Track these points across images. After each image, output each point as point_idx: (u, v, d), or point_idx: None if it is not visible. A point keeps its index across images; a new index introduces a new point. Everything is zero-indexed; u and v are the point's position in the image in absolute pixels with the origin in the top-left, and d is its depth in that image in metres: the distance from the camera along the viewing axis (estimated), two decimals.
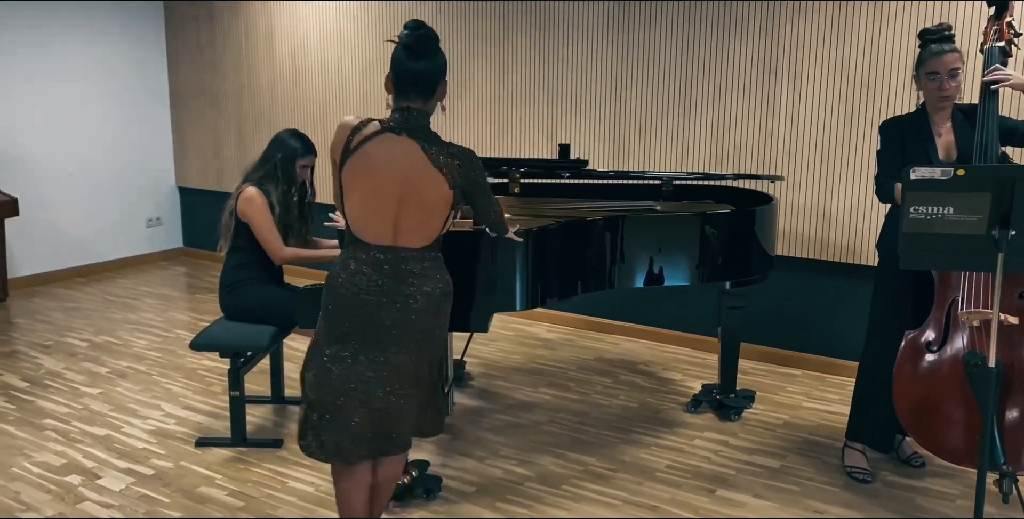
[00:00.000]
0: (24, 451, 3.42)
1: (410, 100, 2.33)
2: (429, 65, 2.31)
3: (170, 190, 6.85)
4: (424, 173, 2.30)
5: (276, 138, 3.56)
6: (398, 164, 2.30)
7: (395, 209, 2.32)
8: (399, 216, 2.33)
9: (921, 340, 2.89)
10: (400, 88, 2.33)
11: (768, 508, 2.98)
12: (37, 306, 5.52)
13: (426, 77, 2.32)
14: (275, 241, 3.44)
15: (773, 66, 4.21)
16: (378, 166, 2.30)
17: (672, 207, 3.78)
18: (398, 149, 2.31)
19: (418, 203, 2.32)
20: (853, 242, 4.13)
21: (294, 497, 3.05)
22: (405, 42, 2.32)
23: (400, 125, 2.32)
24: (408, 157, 2.30)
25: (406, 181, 2.30)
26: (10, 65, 5.69)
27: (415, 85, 2.32)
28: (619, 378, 4.27)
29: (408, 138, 2.31)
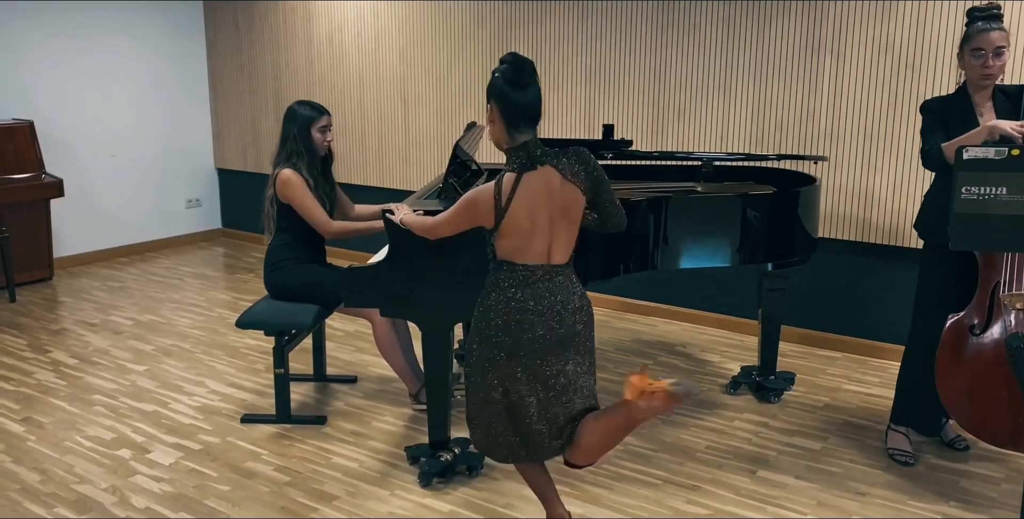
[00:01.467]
0: (76, 425, 3.50)
1: (522, 132, 2.37)
2: (534, 96, 2.36)
3: (209, 172, 6.93)
4: (564, 192, 2.37)
5: (287, 113, 3.55)
6: (546, 195, 2.36)
7: (549, 233, 2.39)
8: (553, 237, 2.39)
9: (965, 323, 2.86)
10: (512, 122, 2.36)
11: (810, 489, 2.98)
12: (82, 285, 5.63)
13: (534, 107, 2.37)
14: (322, 217, 3.47)
15: (816, 45, 4.16)
16: (535, 207, 2.35)
17: (713, 188, 3.75)
18: (543, 182, 2.36)
19: (567, 218, 2.40)
20: (896, 224, 4.09)
21: (339, 473, 3.10)
22: (510, 77, 2.35)
23: (532, 160, 2.36)
24: (550, 183, 2.36)
25: (556, 205, 2.37)
26: (54, 51, 5.78)
27: (526, 117, 2.36)
28: (657, 359, 4.28)
29: (543, 167, 2.36)
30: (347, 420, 3.55)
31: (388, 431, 3.45)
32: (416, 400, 3.62)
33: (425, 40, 5.46)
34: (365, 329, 4.65)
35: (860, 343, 4.32)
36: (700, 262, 3.38)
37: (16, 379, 4.00)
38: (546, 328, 2.38)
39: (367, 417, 3.58)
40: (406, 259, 2.87)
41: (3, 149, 5.37)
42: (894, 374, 3.67)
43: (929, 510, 2.85)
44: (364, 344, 4.47)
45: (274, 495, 2.95)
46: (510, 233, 2.38)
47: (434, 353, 2.97)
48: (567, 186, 2.37)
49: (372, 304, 2.98)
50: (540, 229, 2.37)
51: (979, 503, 2.89)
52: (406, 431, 3.45)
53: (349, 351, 4.39)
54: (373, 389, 3.89)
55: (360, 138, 5.91)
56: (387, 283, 2.91)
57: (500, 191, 2.35)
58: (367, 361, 4.24)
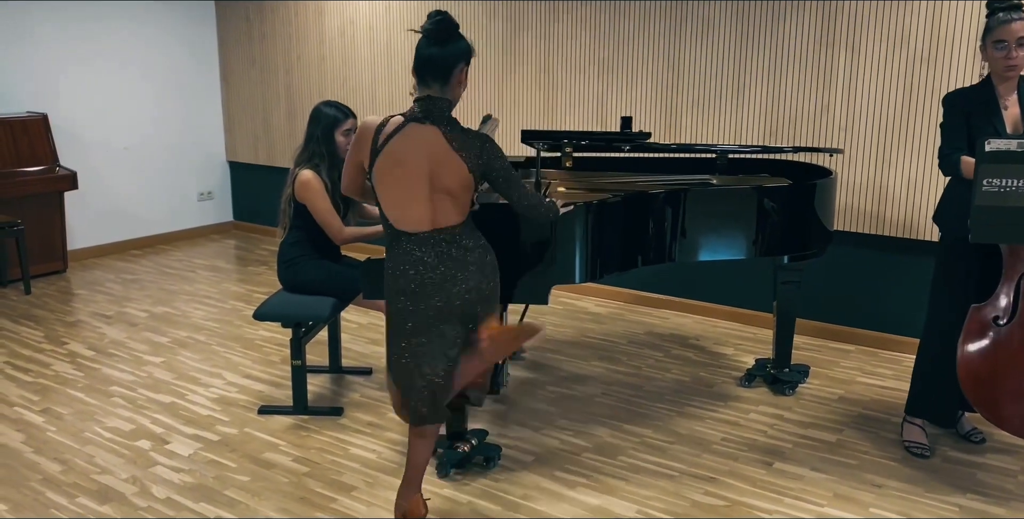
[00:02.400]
0: (95, 417, 3.53)
1: (429, 87, 2.41)
2: (443, 51, 2.39)
3: (221, 164, 6.94)
4: (446, 157, 2.39)
5: (312, 114, 3.55)
6: (424, 151, 2.39)
7: (428, 194, 2.41)
8: (432, 200, 2.42)
9: (988, 313, 2.86)
10: (418, 74, 2.42)
11: (826, 481, 2.99)
12: (96, 277, 5.66)
13: (439, 61, 2.39)
14: (335, 224, 3.46)
15: (830, 39, 4.15)
16: (407, 156, 2.39)
17: (729, 180, 3.76)
18: (423, 136, 2.39)
19: (445, 187, 2.41)
20: (910, 217, 4.08)
21: (357, 464, 3.12)
22: (423, 30, 2.41)
23: (423, 114, 2.40)
24: (432, 143, 2.39)
25: (433, 165, 2.39)
26: (66, 44, 5.80)
27: (431, 71, 2.40)
28: (670, 352, 4.29)
29: (431, 125, 2.40)
30: (364, 411, 3.57)
31: (404, 422, 3.47)
32: None
33: None
34: (379, 321, 4.66)
35: (874, 336, 4.32)
36: (716, 254, 3.39)
37: (34, 371, 4.02)
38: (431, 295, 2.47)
39: (383, 408, 3.60)
40: None
41: (17, 142, 5.39)
42: (908, 366, 3.68)
43: (945, 502, 2.86)
44: (378, 336, 4.49)
45: (293, 485, 2.97)
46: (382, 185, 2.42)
47: None
48: (451, 154, 2.38)
49: None
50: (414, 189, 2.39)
51: (996, 495, 2.90)
52: None
53: (363, 343, 4.41)
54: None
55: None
56: None
57: (382, 128, 2.41)
58: (381, 353, 4.25)
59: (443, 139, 2.38)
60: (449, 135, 2.39)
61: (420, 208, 2.43)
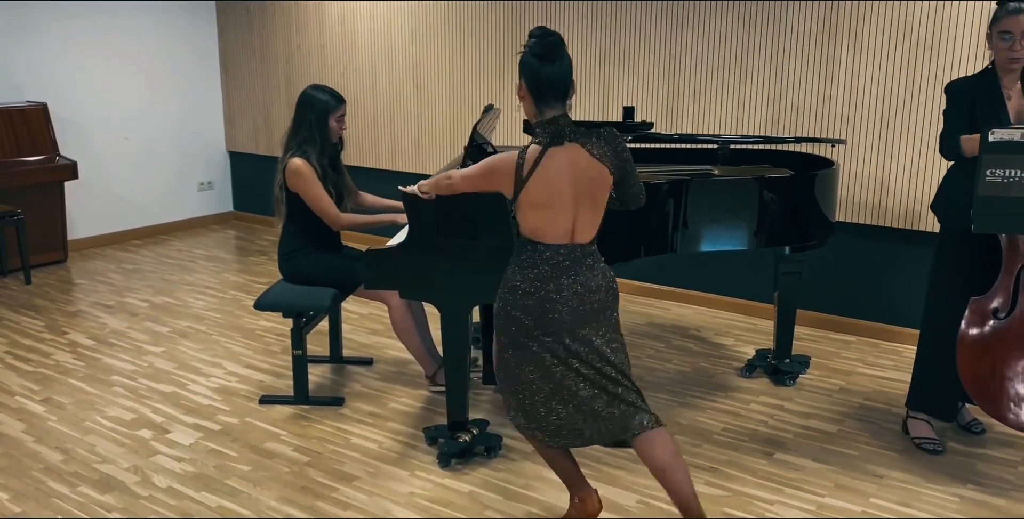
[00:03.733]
0: (96, 406, 3.53)
1: (551, 106, 2.35)
2: (562, 70, 2.34)
3: (221, 154, 6.93)
4: (590, 170, 2.35)
5: (302, 98, 3.47)
6: (571, 172, 2.34)
7: (574, 212, 2.36)
8: (577, 216, 2.37)
9: (988, 306, 2.85)
10: (540, 96, 2.34)
11: (827, 471, 3.00)
12: (96, 267, 5.65)
13: (561, 81, 2.34)
14: (330, 210, 3.44)
15: (833, 28, 4.13)
16: (557, 182, 2.33)
17: (731, 171, 3.75)
18: (567, 157, 2.33)
19: (592, 199, 2.37)
20: (912, 208, 4.07)
21: (358, 453, 3.13)
22: (536, 51, 2.33)
23: (559, 136, 2.34)
24: (576, 161, 2.34)
25: (581, 184, 2.35)
26: (66, 34, 5.77)
27: (554, 91, 2.34)
28: (671, 343, 4.29)
29: (570, 144, 2.34)
30: (365, 401, 3.57)
31: (406, 412, 3.48)
32: (432, 382, 3.64)
33: (438, 22, 5.44)
34: (379, 312, 4.67)
35: (875, 327, 4.32)
36: (718, 245, 3.38)
37: (35, 360, 4.03)
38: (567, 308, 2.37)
39: (384, 398, 3.60)
40: (425, 241, 2.88)
41: (17, 131, 5.38)
42: (908, 357, 3.68)
43: (946, 493, 2.86)
44: (379, 326, 4.49)
45: (295, 475, 2.98)
46: (529, 208, 2.36)
47: (453, 335, 2.98)
48: (594, 165, 2.35)
49: (392, 286, 2.99)
50: (562, 207, 2.35)
51: (995, 486, 2.91)
52: (423, 412, 3.48)
53: (364, 333, 4.41)
54: (389, 371, 3.91)
55: (372, 122, 5.90)
56: (407, 265, 2.92)
57: (523, 161, 2.34)
58: (382, 343, 4.25)
59: (584, 152, 2.35)
60: (590, 148, 2.35)
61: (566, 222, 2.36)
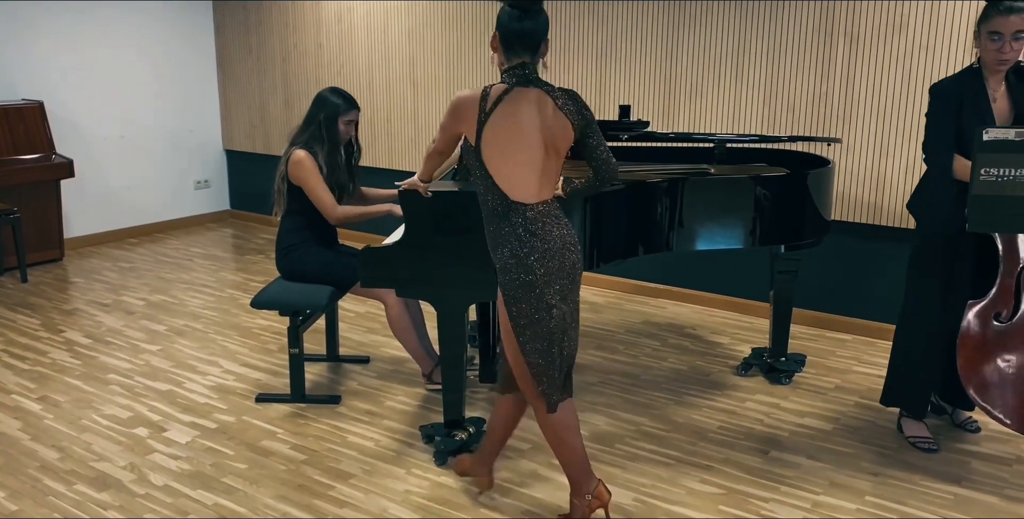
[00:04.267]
0: (92, 404, 3.53)
1: (519, 55, 2.41)
2: (535, 23, 2.39)
3: (218, 153, 6.93)
4: (555, 119, 2.38)
5: (317, 98, 3.54)
6: (535, 114, 2.38)
7: (543, 161, 2.40)
8: (545, 168, 2.41)
9: (989, 310, 2.79)
10: (509, 46, 2.41)
11: (822, 469, 3.01)
12: (93, 265, 5.65)
13: (532, 34, 2.39)
14: (328, 201, 3.46)
15: (829, 26, 4.14)
16: (522, 120, 2.37)
17: (727, 170, 3.75)
18: (531, 100, 2.38)
19: (556, 150, 2.41)
20: None
21: (355, 451, 3.13)
22: (511, 2, 2.39)
23: (525, 78, 2.40)
24: (543, 105, 2.38)
25: (545, 129, 2.38)
26: (62, 32, 5.76)
27: (524, 43, 2.40)
28: (667, 341, 4.30)
29: (536, 88, 2.39)
30: (361, 400, 3.58)
31: (402, 410, 3.48)
32: (429, 380, 3.64)
33: (435, 20, 5.44)
34: (376, 310, 4.67)
35: (870, 325, 4.33)
36: (714, 244, 3.39)
37: (31, 358, 4.02)
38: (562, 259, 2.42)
39: (381, 397, 3.61)
40: (422, 239, 2.88)
41: (13, 130, 5.37)
42: None
43: (940, 490, 2.87)
44: (375, 325, 4.49)
45: (291, 473, 2.98)
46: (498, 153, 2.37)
47: (449, 333, 2.98)
48: (558, 114, 2.38)
49: (389, 284, 2.99)
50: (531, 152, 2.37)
51: (990, 484, 2.92)
52: (420, 411, 3.48)
53: (361, 332, 4.41)
54: (386, 369, 3.91)
55: (370, 120, 5.90)
56: (403, 263, 2.92)
57: (486, 97, 2.39)
58: (379, 342, 4.26)
59: (549, 99, 2.39)
60: (554, 96, 2.40)
61: (533, 177, 2.40)
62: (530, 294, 2.40)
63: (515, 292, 2.42)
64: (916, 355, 3.06)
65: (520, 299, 2.42)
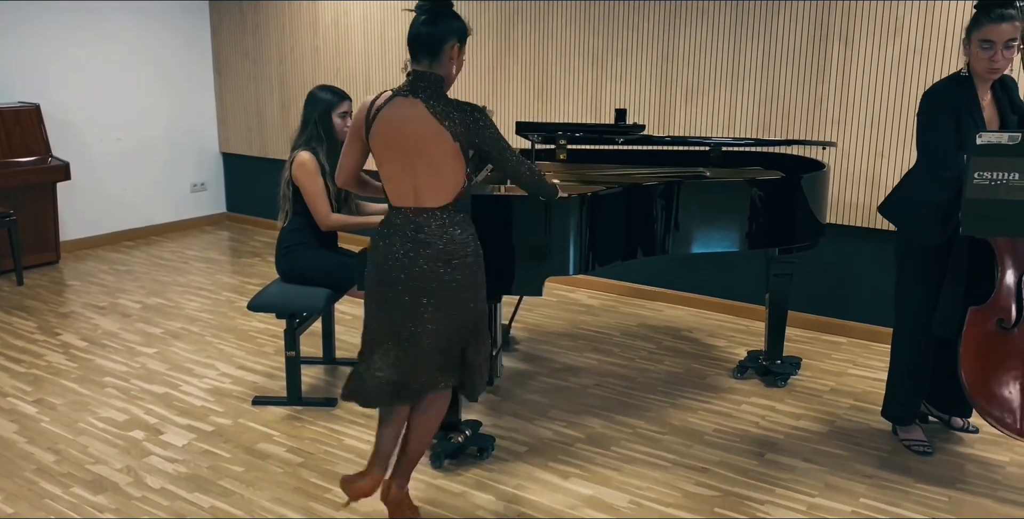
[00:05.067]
0: (89, 407, 3.53)
1: (419, 63, 2.45)
2: (433, 28, 2.42)
3: (214, 156, 6.93)
4: (429, 129, 2.40)
5: (308, 97, 3.56)
6: (410, 125, 2.41)
7: (413, 169, 2.44)
8: (416, 176, 2.44)
9: (992, 318, 2.76)
10: (411, 50, 2.46)
11: (818, 472, 3.02)
12: (89, 268, 5.65)
13: (428, 38, 2.42)
14: (323, 207, 3.46)
15: (824, 31, 4.16)
16: (393, 129, 2.43)
17: (722, 173, 3.77)
18: (408, 110, 2.42)
19: (429, 161, 2.43)
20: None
21: (351, 454, 3.13)
22: (416, 7, 2.45)
23: (409, 87, 2.44)
24: (416, 116, 2.41)
25: (417, 139, 2.41)
26: (59, 35, 5.77)
27: (421, 47, 2.43)
28: (663, 344, 4.31)
29: (415, 98, 2.42)
30: None
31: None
32: None
33: None
34: None
35: (865, 328, 4.35)
36: (709, 247, 3.40)
37: (27, 361, 4.02)
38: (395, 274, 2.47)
39: None
40: None
41: (10, 132, 5.37)
42: None
43: (935, 493, 2.88)
44: None
45: (288, 476, 2.98)
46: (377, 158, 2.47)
47: None
48: (434, 125, 2.39)
49: None
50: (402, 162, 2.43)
51: (984, 486, 2.93)
52: None
53: (357, 334, 4.40)
54: None
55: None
56: None
57: (374, 102, 2.47)
58: None
59: (426, 110, 2.40)
60: (431, 105, 2.41)
61: (406, 182, 2.45)
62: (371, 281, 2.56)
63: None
64: (911, 363, 3.09)
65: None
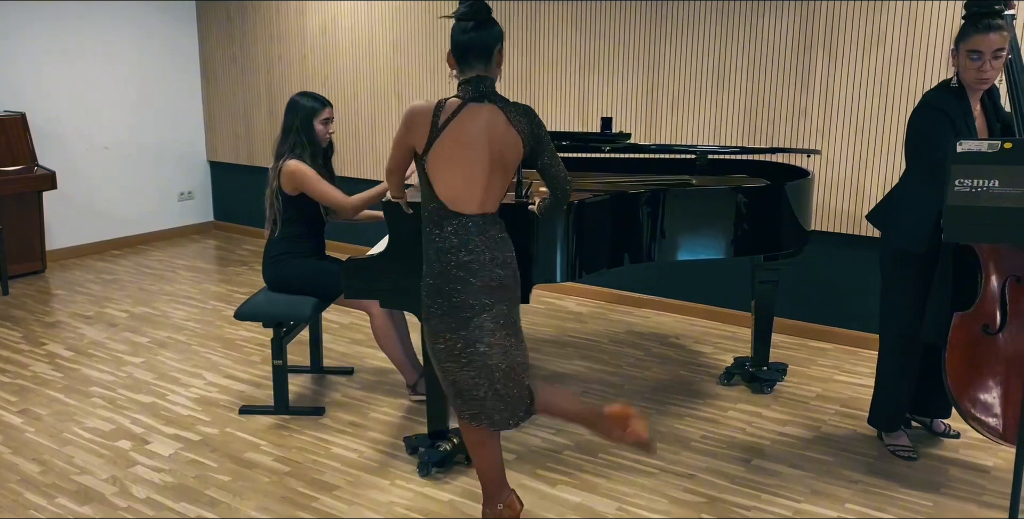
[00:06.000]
0: (74, 417, 3.51)
1: (472, 68, 2.45)
2: (482, 34, 2.43)
3: (201, 164, 6.92)
4: (508, 136, 2.42)
5: (289, 105, 3.56)
6: (487, 130, 2.41)
7: (487, 175, 2.43)
8: (488, 182, 2.44)
9: (977, 323, 2.78)
10: (461, 58, 2.46)
11: (804, 477, 3.03)
12: (75, 277, 5.62)
13: (480, 44, 2.43)
14: (339, 197, 3.45)
15: (808, 40, 4.20)
16: (473, 137, 2.41)
17: (708, 181, 3.79)
18: (484, 116, 2.42)
19: (503, 165, 2.44)
20: None
21: (338, 463, 3.13)
22: (458, 15, 2.45)
23: (478, 93, 2.44)
24: (497, 123, 2.42)
25: (496, 145, 2.42)
26: (45, 43, 5.75)
27: (473, 53, 2.44)
28: (651, 351, 4.32)
29: (489, 104, 2.43)
30: (345, 411, 3.58)
31: (386, 422, 3.48)
32: (413, 391, 3.65)
33: (420, 32, 5.47)
34: (360, 321, 4.67)
35: (851, 334, 4.37)
36: (695, 254, 3.42)
37: (12, 371, 4.00)
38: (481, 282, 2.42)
39: (365, 408, 3.61)
40: (406, 250, 2.89)
41: None
42: None
43: (920, 497, 2.90)
44: (360, 336, 4.49)
45: (275, 485, 2.97)
46: (444, 167, 2.41)
47: None
48: (510, 130, 2.42)
49: (372, 295, 3.00)
50: (478, 167, 2.41)
51: (968, 490, 2.95)
52: (404, 422, 3.48)
53: (345, 343, 4.41)
54: (370, 381, 3.91)
55: (354, 130, 5.92)
56: (387, 274, 2.93)
57: (441, 109, 2.43)
58: (363, 353, 4.26)
59: (502, 115, 2.42)
60: (507, 111, 2.43)
61: (476, 189, 2.43)
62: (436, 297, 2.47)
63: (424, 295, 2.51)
64: (897, 370, 3.11)
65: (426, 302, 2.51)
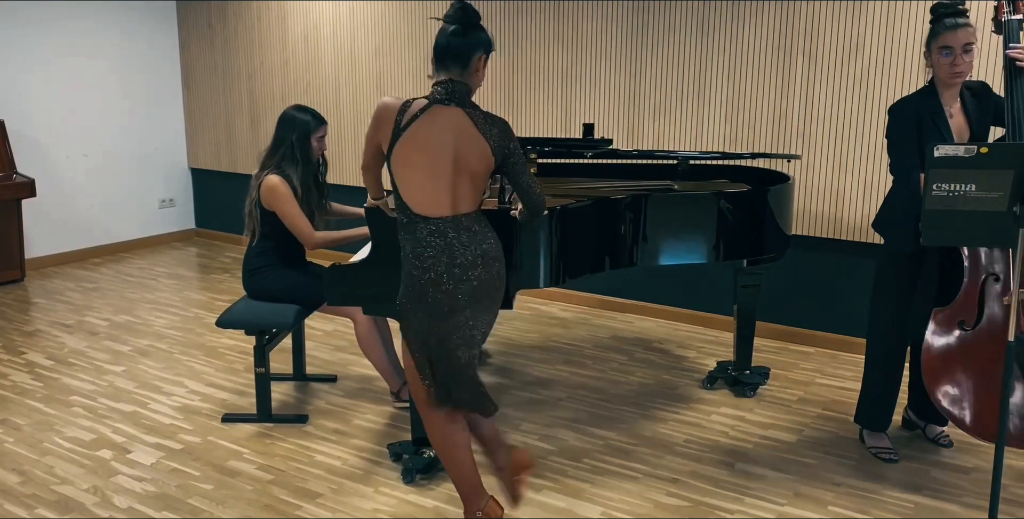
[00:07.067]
0: (54, 427, 3.48)
1: (448, 72, 2.45)
2: (463, 39, 2.44)
3: (183, 171, 6.88)
4: (471, 139, 2.41)
5: (284, 117, 3.49)
6: (450, 133, 2.41)
7: (452, 178, 2.42)
8: (455, 185, 2.43)
9: (954, 318, 2.83)
10: (439, 60, 2.47)
11: (787, 480, 3.05)
12: (55, 286, 5.57)
13: (457, 48, 2.44)
14: (306, 229, 3.43)
15: (788, 46, 4.23)
16: (432, 138, 2.41)
17: (690, 186, 3.81)
18: (448, 119, 2.42)
19: (469, 172, 2.43)
20: (866, 221, 4.17)
21: (322, 470, 3.12)
22: (445, 18, 2.46)
23: (446, 96, 2.44)
24: (458, 125, 2.41)
25: (459, 149, 2.41)
26: (24, 47, 5.71)
27: (451, 57, 2.44)
28: (634, 356, 4.33)
29: (455, 107, 2.43)
30: (329, 418, 3.56)
31: (370, 429, 3.47)
32: (397, 398, 3.64)
33: (401, 38, 5.48)
34: (343, 328, 4.66)
35: (833, 338, 4.40)
36: (678, 258, 3.44)
37: None
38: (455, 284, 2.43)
39: (348, 415, 3.59)
40: (388, 256, 2.89)
41: None
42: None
43: (902, 499, 2.92)
44: (343, 343, 4.48)
45: (258, 493, 2.96)
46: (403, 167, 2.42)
47: None
48: (476, 136, 2.41)
49: (355, 302, 2.99)
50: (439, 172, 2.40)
51: (950, 492, 2.97)
52: (388, 429, 3.47)
53: (328, 350, 4.40)
54: (354, 388, 3.90)
55: (336, 137, 5.90)
56: (370, 281, 2.93)
57: (406, 108, 2.44)
58: (347, 360, 4.25)
59: (468, 120, 2.41)
60: (474, 116, 2.42)
61: (442, 192, 2.42)
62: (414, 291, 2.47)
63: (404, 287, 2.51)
64: (885, 369, 3.14)
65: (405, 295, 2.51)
